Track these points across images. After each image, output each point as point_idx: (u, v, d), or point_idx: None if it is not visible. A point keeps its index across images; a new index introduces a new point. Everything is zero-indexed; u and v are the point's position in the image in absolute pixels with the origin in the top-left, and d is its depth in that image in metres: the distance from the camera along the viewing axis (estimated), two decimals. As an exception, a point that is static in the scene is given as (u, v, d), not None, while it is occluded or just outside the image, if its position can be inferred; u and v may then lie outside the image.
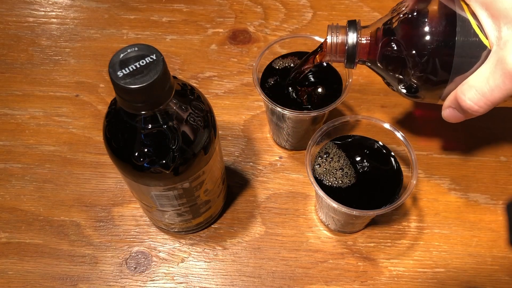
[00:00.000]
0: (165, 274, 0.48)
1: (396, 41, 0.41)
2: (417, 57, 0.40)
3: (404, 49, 0.41)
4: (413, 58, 0.40)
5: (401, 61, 0.41)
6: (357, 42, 0.43)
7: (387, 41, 0.42)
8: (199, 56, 0.62)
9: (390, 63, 0.42)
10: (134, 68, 0.31)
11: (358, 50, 0.43)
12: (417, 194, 0.52)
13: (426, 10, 0.40)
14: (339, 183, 0.44)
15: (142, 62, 0.32)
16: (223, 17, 0.65)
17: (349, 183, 0.44)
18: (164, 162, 0.36)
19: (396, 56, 0.41)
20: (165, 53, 0.60)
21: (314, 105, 0.49)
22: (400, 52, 0.41)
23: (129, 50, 0.32)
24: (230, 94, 0.59)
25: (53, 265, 0.48)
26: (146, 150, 0.36)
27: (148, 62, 0.32)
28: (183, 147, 0.36)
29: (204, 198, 0.44)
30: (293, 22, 0.65)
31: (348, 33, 0.43)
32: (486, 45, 0.38)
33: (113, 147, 0.37)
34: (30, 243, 0.50)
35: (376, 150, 0.46)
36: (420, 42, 0.40)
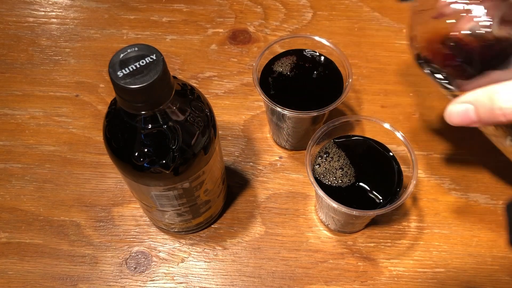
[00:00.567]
0: (165, 274, 0.48)
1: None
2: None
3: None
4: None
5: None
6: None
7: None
8: (199, 56, 0.62)
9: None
10: (134, 68, 0.31)
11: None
12: (417, 194, 0.52)
13: None
14: (339, 183, 0.44)
15: (142, 62, 0.32)
16: (223, 17, 0.65)
17: (349, 183, 0.44)
18: (164, 162, 0.36)
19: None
20: (165, 53, 0.60)
21: (314, 104, 0.49)
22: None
23: (129, 50, 0.32)
24: (230, 94, 0.59)
25: (53, 265, 0.48)
26: (146, 150, 0.36)
27: (148, 62, 0.32)
28: (183, 147, 0.36)
29: (204, 198, 0.44)
30: (293, 22, 0.65)
31: None
32: None
33: (113, 147, 0.37)
34: (30, 243, 0.50)
35: (376, 150, 0.46)
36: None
